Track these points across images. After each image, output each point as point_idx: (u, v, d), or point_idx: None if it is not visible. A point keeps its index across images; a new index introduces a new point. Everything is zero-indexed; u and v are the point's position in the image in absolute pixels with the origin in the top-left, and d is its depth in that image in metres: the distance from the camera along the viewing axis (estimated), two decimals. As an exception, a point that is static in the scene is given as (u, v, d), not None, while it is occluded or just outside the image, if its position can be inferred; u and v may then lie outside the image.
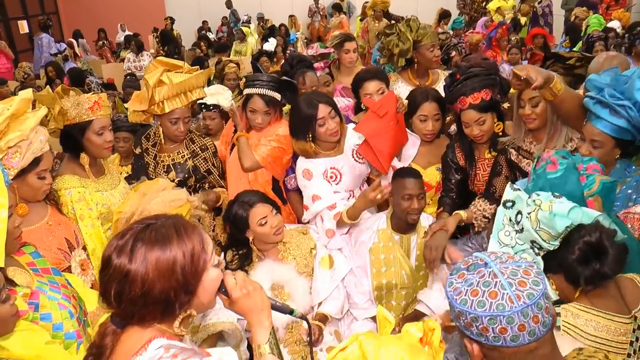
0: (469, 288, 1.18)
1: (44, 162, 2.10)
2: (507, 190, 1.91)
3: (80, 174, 2.51)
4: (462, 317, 1.18)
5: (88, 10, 14.47)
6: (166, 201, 2.23)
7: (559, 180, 1.88)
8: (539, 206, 1.76)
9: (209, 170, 2.99)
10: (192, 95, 2.80)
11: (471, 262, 1.24)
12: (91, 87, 6.46)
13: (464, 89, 2.58)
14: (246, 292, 1.40)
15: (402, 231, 2.72)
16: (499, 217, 1.92)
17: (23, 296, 1.73)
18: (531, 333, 1.13)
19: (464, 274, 1.22)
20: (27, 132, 1.98)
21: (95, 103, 2.47)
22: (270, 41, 8.55)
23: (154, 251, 1.23)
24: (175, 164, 2.92)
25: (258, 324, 1.41)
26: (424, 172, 2.96)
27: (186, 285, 1.26)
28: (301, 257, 2.61)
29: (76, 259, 2.30)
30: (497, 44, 7.69)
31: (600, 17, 8.68)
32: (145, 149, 2.97)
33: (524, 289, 1.14)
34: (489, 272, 1.19)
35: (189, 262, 1.26)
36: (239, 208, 2.52)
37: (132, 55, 9.73)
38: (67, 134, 2.48)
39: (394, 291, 2.73)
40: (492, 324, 1.14)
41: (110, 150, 2.61)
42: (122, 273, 1.22)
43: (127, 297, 1.22)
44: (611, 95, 2.06)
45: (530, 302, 1.13)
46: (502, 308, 1.12)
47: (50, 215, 2.28)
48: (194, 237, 1.29)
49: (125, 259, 1.23)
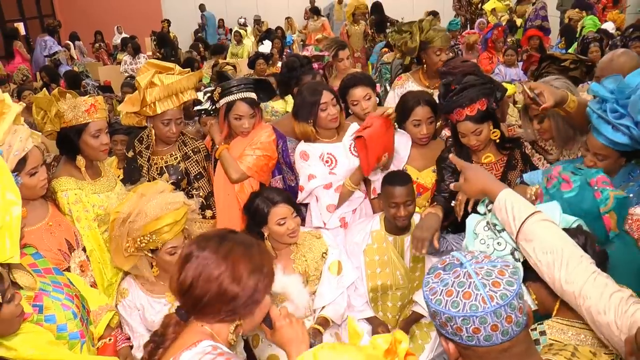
0: (444, 288, 1.19)
1: (31, 160, 2.07)
2: (479, 208, 1.90)
3: (76, 176, 2.52)
4: (437, 317, 1.20)
5: (84, 12, 14.46)
6: (163, 203, 2.23)
7: (574, 199, 1.85)
8: None
9: (200, 173, 2.98)
10: (183, 97, 2.81)
11: (448, 261, 1.25)
12: (87, 90, 6.46)
13: (460, 100, 2.54)
14: (289, 322, 1.48)
15: (396, 232, 2.74)
16: (470, 226, 1.87)
17: (27, 299, 1.74)
18: (504, 333, 1.15)
19: (440, 273, 1.23)
20: (1, 136, 1.94)
21: (92, 106, 2.47)
22: (265, 43, 8.55)
23: (238, 248, 1.39)
24: (168, 166, 2.93)
25: (297, 354, 1.45)
26: (419, 174, 2.98)
27: (255, 294, 1.38)
28: (312, 260, 2.62)
29: (76, 260, 2.30)
30: (493, 45, 7.70)
31: (595, 18, 8.71)
32: (138, 151, 2.97)
33: (498, 290, 1.15)
34: (464, 272, 1.20)
35: (264, 275, 1.40)
36: (262, 203, 2.54)
37: (129, 57, 9.73)
38: (63, 136, 2.49)
39: (389, 292, 2.74)
40: (465, 324, 1.15)
41: (106, 153, 2.62)
42: (206, 260, 1.36)
43: (202, 282, 1.35)
44: (613, 110, 2.02)
45: (503, 303, 1.14)
46: (475, 309, 1.14)
47: (51, 216, 2.29)
48: (270, 258, 1.48)
49: (210, 251, 1.38)
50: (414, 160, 3.00)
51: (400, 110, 2.98)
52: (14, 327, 1.58)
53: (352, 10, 9.85)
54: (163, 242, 2.22)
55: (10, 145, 1.98)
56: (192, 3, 14.92)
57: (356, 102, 3.11)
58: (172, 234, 2.20)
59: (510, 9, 11.41)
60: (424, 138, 2.93)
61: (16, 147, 1.99)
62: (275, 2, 15.01)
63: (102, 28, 12.98)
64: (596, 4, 10.10)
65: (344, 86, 3.17)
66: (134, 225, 2.16)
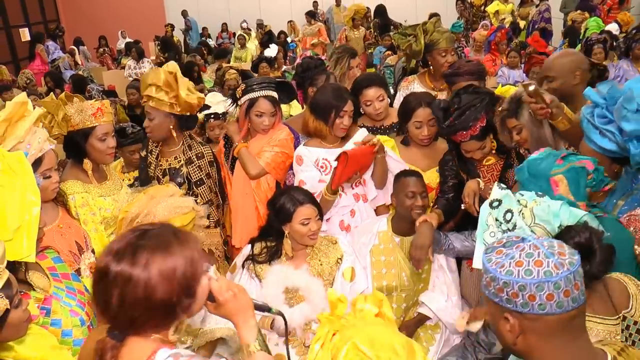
0: (512, 260, 1.20)
1: (46, 161, 2.12)
2: (494, 190, 1.90)
3: (83, 180, 2.54)
4: (507, 289, 1.19)
5: (88, 17, 14.55)
6: (171, 207, 2.23)
7: (536, 160, 1.93)
8: (525, 206, 1.77)
9: (202, 179, 2.97)
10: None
11: (505, 240, 1.27)
12: (92, 95, 6.48)
13: (462, 124, 2.56)
14: (232, 294, 1.43)
15: (403, 233, 2.74)
16: (482, 217, 1.90)
17: (35, 301, 1.76)
18: (574, 300, 1.17)
19: (501, 250, 1.24)
20: (22, 134, 2.00)
21: (99, 109, 2.50)
22: (271, 47, 8.58)
23: (157, 256, 1.25)
24: (171, 169, 2.94)
25: (244, 323, 1.44)
26: (424, 174, 2.98)
27: (188, 289, 1.29)
28: (327, 264, 2.62)
29: (85, 262, 2.32)
30: (496, 47, 7.71)
31: (599, 20, 8.70)
32: (150, 150, 3.02)
33: (565, 258, 1.18)
34: (529, 244, 1.21)
35: (189, 267, 1.29)
36: (289, 201, 2.55)
37: (133, 62, 9.77)
38: (70, 140, 2.51)
39: (394, 294, 2.74)
40: (539, 291, 1.16)
41: (112, 156, 2.64)
42: (125, 278, 1.23)
43: (129, 302, 1.23)
44: (601, 116, 2.02)
45: (572, 269, 1.16)
46: (550, 274, 1.15)
47: (62, 218, 2.30)
48: (192, 243, 1.33)
49: (127, 265, 1.24)
50: (418, 160, 3.01)
51: (402, 112, 3.01)
52: (21, 332, 1.58)
53: (351, 15, 9.82)
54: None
55: (29, 144, 2.04)
56: (195, 8, 14.99)
57: (369, 103, 3.13)
58: (178, 237, 2.20)
59: (513, 11, 11.42)
60: (425, 139, 2.94)
61: (34, 147, 2.05)
62: (277, 6, 15.06)
63: (106, 33, 13.05)
64: (600, 5, 10.09)
65: (358, 86, 3.19)
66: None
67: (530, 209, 1.76)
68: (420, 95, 3.02)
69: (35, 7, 14.47)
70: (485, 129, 2.61)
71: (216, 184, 3.06)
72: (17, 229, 1.60)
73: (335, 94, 2.90)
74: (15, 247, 1.60)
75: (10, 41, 13.09)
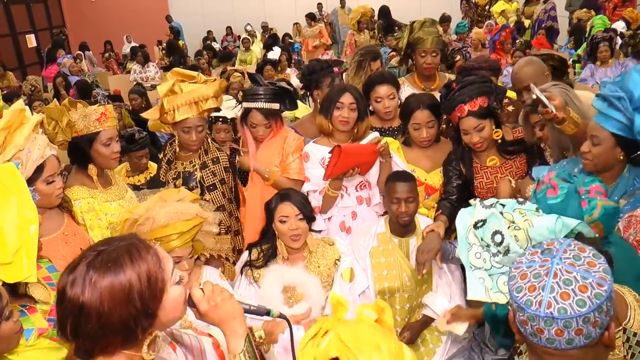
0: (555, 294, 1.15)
1: (49, 167, 2.12)
2: (478, 208, 1.76)
3: (88, 185, 2.54)
4: (569, 329, 1.14)
5: (94, 23, 14.63)
6: (173, 212, 2.23)
7: (559, 205, 1.79)
8: (516, 227, 1.63)
9: (214, 184, 2.97)
10: (204, 105, 2.81)
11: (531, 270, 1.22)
12: (98, 100, 6.52)
13: (462, 97, 2.59)
14: (214, 304, 1.37)
15: (401, 234, 2.74)
16: (461, 234, 1.76)
17: (42, 313, 1.74)
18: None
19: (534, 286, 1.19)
20: (22, 141, 1.99)
21: (103, 114, 2.50)
22: (275, 50, 8.59)
23: (106, 278, 1.16)
24: (185, 173, 2.95)
25: (231, 333, 1.38)
26: (427, 175, 2.98)
27: (145, 309, 1.20)
28: (325, 266, 2.62)
29: (91, 269, 2.32)
30: (501, 47, 7.68)
31: (605, 18, 8.66)
32: (165, 153, 3.04)
33: (595, 270, 1.17)
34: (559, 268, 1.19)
35: (146, 285, 1.20)
36: (276, 198, 2.60)
37: (138, 66, 9.82)
38: (74, 145, 2.52)
39: (396, 295, 2.73)
40: (600, 313, 1.14)
41: (117, 161, 2.65)
42: (77, 306, 1.15)
43: (84, 331, 1.16)
44: (612, 90, 2.02)
45: (610, 281, 1.15)
46: (600, 297, 1.13)
47: (67, 226, 2.31)
48: (149, 258, 1.23)
49: (78, 290, 1.16)
50: (421, 161, 3.01)
51: (402, 113, 3.02)
52: (13, 344, 1.56)
53: (357, 17, 9.73)
54: (169, 250, 2.21)
55: (29, 151, 2.03)
56: (200, 12, 15.04)
57: (380, 100, 3.14)
58: (179, 242, 2.19)
59: (517, 10, 11.38)
60: (424, 141, 2.94)
61: (35, 154, 2.04)
62: (282, 9, 15.08)
63: (112, 38, 13.12)
64: (606, 3, 10.03)
65: (371, 82, 3.20)
66: (141, 229, 2.17)
67: (525, 230, 1.62)
68: (420, 97, 3.00)
69: (41, 14, 14.58)
70: (486, 111, 2.61)
71: (231, 191, 3.06)
72: (16, 251, 1.55)
73: (335, 88, 2.94)
74: (16, 269, 1.57)
75: (17, 47, 13.19)
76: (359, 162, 2.79)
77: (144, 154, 3.84)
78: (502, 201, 1.72)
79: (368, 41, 9.62)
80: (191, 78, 2.84)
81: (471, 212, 1.77)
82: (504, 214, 1.67)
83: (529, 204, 1.69)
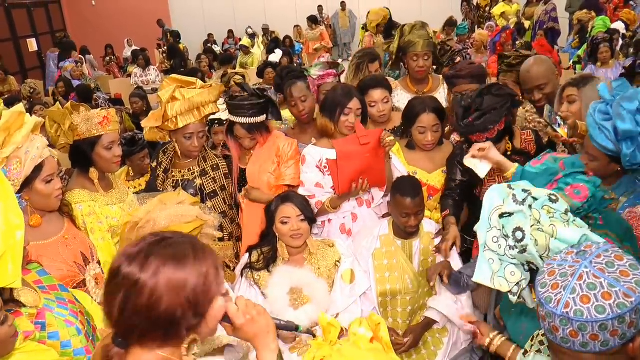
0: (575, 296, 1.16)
1: (47, 167, 2.12)
2: (509, 200, 1.69)
3: (89, 188, 2.55)
4: (583, 332, 1.14)
5: (95, 27, 14.66)
6: (174, 215, 2.23)
7: (532, 175, 1.85)
8: (540, 227, 1.58)
9: (215, 191, 2.96)
10: (205, 110, 2.82)
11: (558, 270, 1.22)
12: (99, 103, 6.54)
13: (481, 126, 2.51)
14: (250, 318, 1.37)
15: (404, 237, 2.74)
16: (485, 212, 1.72)
17: (29, 317, 1.72)
18: None
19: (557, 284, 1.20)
20: (19, 139, 1.99)
21: (105, 118, 2.51)
22: (277, 52, 8.59)
23: (168, 266, 1.18)
24: (184, 181, 2.94)
25: (265, 347, 1.38)
26: (429, 176, 2.98)
27: (196, 307, 1.21)
28: (325, 268, 2.62)
29: (91, 273, 2.32)
30: (502, 48, 7.68)
31: (607, 18, 8.66)
32: (160, 162, 3.01)
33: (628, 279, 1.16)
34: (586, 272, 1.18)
35: (202, 285, 1.21)
36: (276, 200, 2.60)
37: (139, 70, 9.84)
38: (76, 149, 2.52)
39: (398, 297, 2.72)
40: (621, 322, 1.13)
41: (118, 165, 2.65)
42: (131, 281, 1.17)
43: (131, 306, 1.17)
44: (602, 112, 2.00)
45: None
46: (624, 306, 1.12)
47: (67, 229, 2.31)
48: (210, 261, 1.25)
49: (136, 268, 1.18)
50: (422, 163, 3.00)
51: (406, 116, 3.00)
52: (9, 348, 1.55)
53: (379, 20, 9.56)
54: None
55: (27, 150, 2.04)
56: (201, 15, 15.07)
57: (374, 104, 3.13)
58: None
59: (518, 11, 11.38)
60: (428, 145, 2.94)
61: (33, 153, 2.05)
62: (283, 11, 15.12)
63: (113, 42, 13.13)
64: (607, 4, 10.04)
65: (364, 86, 3.19)
66: (142, 232, 2.17)
67: (546, 237, 1.56)
68: (425, 100, 2.98)
69: (42, 18, 14.61)
70: (503, 132, 2.59)
71: (231, 197, 3.05)
72: (1, 256, 1.52)
73: (343, 91, 2.91)
74: (1, 274, 1.54)
75: (18, 52, 13.21)
76: (360, 168, 2.76)
77: (145, 154, 3.87)
78: (535, 193, 1.65)
79: (383, 44, 9.59)
80: (190, 84, 2.84)
81: (501, 193, 1.71)
82: (532, 208, 1.62)
83: (560, 203, 1.62)
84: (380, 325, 1.22)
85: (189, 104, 2.76)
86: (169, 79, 2.91)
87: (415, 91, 3.57)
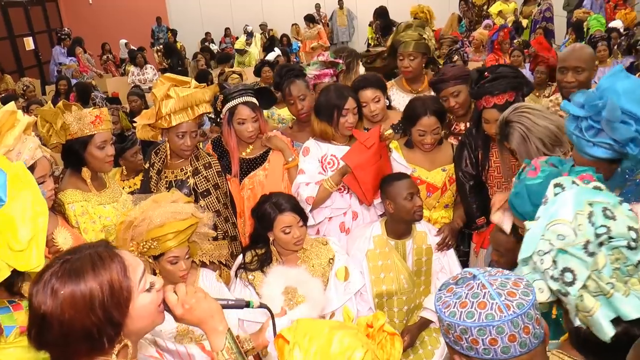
0: (458, 300, 1.15)
1: (39, 168, 2.10)
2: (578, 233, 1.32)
3: (82, 188, 2.53)
4: (451, 331, 1.16)
5: (92, 25, 14.60)
6: (169, 212, 2.23)
7: (537, 187, 1.74)
8: (599, 271, 1.27)
9: (208, 190, 2.94)
10: (198, 110, 2.80)
11: (460, 276, 1.21)
12: (96, 102, 6.52)
13: (491, 88, 2.64)
14: (189, 307, 1.37)
15: (397, 236, 2.74)
16: (545, 214, 1.40)
17: (27, 311, 1.74)
18: (522, 344, 1.11)
19: (452, 288, 1.19)
20: (11, 142, 1.98)
21: (97, 117, 2.49)
22: (275, 51, 8.57)
23: (67, 287, 1.16)
24: (177, 181, 2.91)
25: (211, 331, 1.40)
26: (429, 174, 2.98)
27: (109, 318, 1.19)
28: (319, 266, 2.62)
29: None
30: (499, 47, 7.68)
31: (601, 17, 8.68)
32: (152, 162, 2.98)
33: (514, 299, 1.11)
34: (478, 283, 1.16)
35: (108, 294, 1.18)
36: (270, 208, 2.54)
37: (136, 69, 9.82)
38: (69, 148, 2.50)
39: (394, 297, 2.72)
40: (481, 335, 1.11)
41: (111, 164, 2.63)
42: (39, 316, 1.16)
43: (47, 340, 1.17)
44: (589, 128, 1.92)
45: (520, 312, 1.10)
46: (492, 318, 1.10)
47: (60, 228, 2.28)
48: (113, 266, 1.22)
49: (41, 299, 1.17)
50: (422, 162, 3.00)
51: (406, 116, 2.98)
52: None
53: None
54: (165, 250, 2.21)
55: (19, 152, 2.01)
56: (198, 14, 15.03)
57: (365, 104, 3.11)
58: (175, 242, 2.19)
59: (515, 10, 11.37)
60: (427, 146, 2.93)
61: (25, 154, 2.03)
62: (280, 9, 15.08)
63: (109, 40, 13.09)
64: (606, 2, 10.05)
65: (354, 87, 3.17)
66: (138, 230, 2.17)
67: (599, 299, 1.27)
68: (426, 101, 2.94)
69: (39, 17, 14.55)
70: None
71: (225, 195, 3.03)
72: (29, 240, 1.60)
73: (336, 93, 2.88)
74: (26, 258, 1.60)
75: (15, 50, 13.16)
76: (375, 171, 2.76)
77: (137, 150, 3.84)
78: (614, 231, 1.29)
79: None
80: (184, 84, 2.82)
81: (578, 203, 1.36)
82: (598, 255, 1.28)
83: (637, 251, 1.29)
84: (379, 320, 1.23)
85: (183, 102, 2.74)
86: (164, 77, 2.89)
87: (410, 90, 3.56)
